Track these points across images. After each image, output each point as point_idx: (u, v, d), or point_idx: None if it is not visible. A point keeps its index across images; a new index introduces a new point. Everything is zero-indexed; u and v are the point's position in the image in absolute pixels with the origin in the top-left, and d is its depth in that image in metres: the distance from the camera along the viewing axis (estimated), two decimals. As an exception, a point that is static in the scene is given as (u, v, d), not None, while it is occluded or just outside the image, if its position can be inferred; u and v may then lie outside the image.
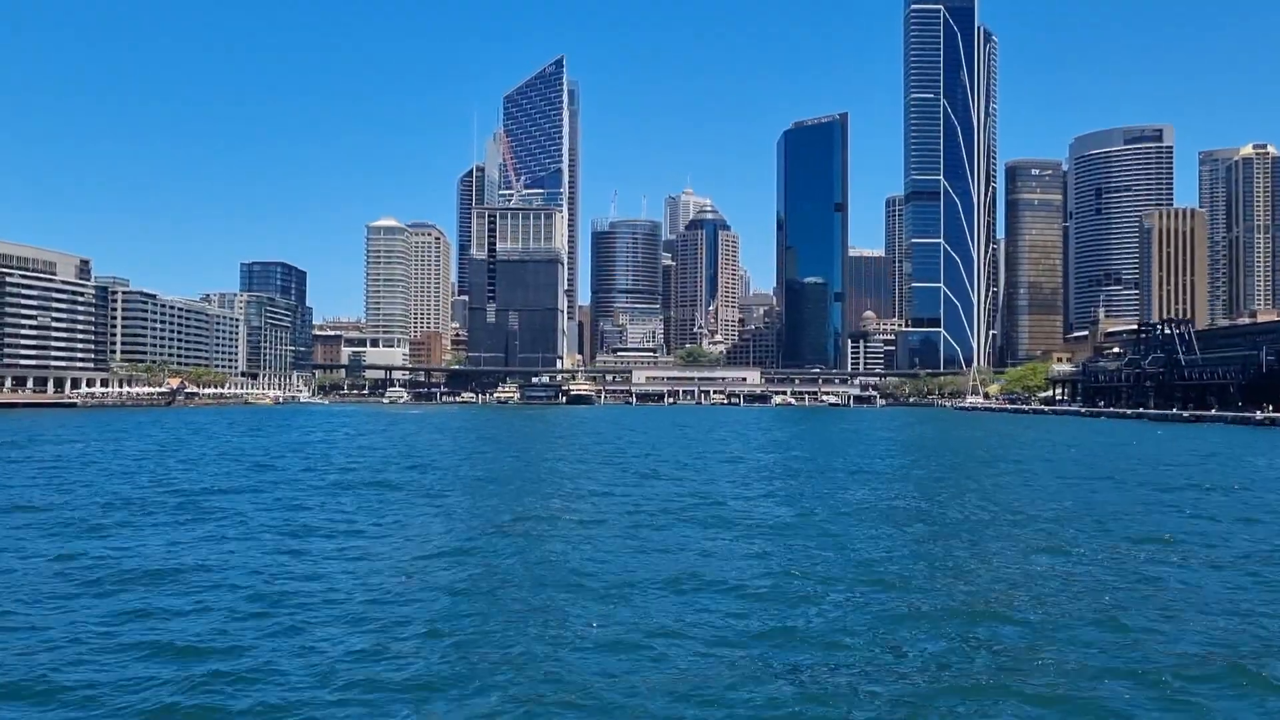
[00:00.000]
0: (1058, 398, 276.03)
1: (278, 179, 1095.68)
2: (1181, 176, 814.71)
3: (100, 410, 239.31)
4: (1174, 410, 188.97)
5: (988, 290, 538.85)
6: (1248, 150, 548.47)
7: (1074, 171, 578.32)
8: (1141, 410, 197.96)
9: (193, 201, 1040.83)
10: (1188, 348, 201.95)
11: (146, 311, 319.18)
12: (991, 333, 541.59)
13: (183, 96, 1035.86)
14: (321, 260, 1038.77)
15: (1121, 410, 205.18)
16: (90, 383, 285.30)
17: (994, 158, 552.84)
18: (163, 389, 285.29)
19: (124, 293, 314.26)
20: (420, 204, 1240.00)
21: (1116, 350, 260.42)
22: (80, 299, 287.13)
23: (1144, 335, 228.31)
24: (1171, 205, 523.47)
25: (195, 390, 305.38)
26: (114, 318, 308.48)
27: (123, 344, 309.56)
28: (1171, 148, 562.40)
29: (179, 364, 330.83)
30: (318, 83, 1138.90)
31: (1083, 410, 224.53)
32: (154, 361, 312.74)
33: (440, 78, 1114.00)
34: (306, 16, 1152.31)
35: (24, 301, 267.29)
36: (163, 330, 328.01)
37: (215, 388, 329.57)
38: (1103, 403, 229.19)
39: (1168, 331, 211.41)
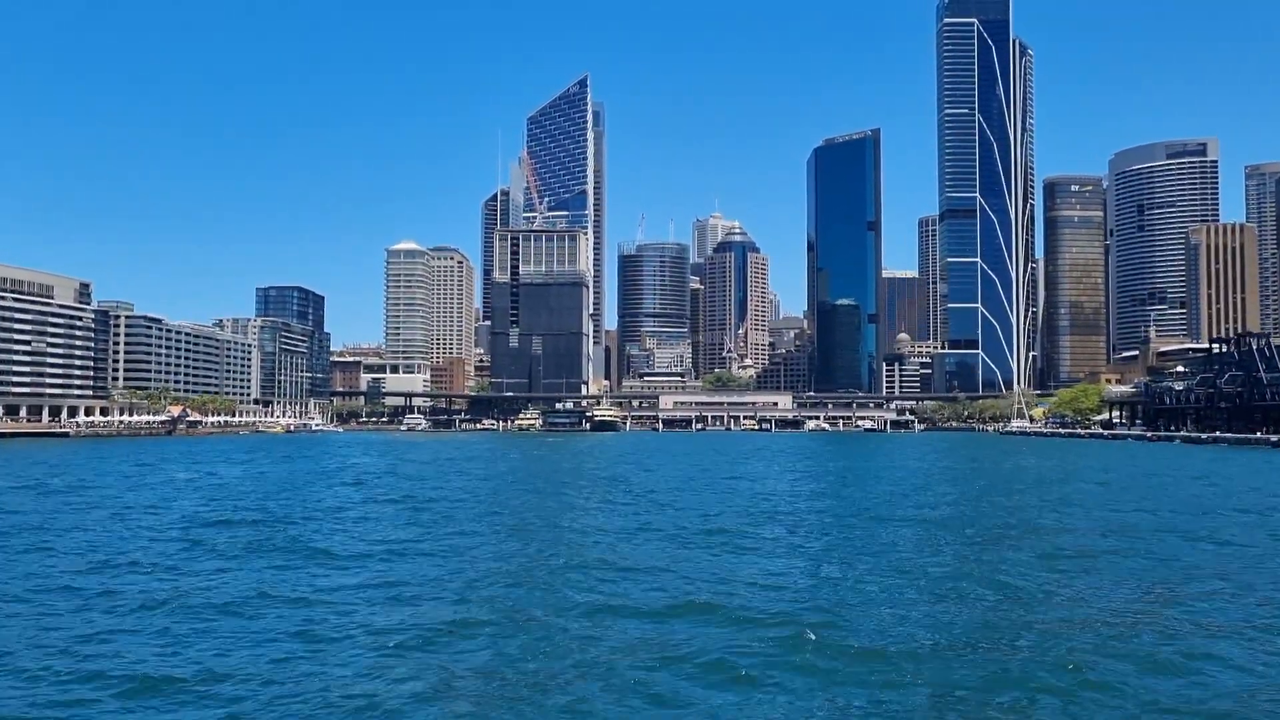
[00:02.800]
0: (1115, 421, 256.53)
1: (300, 205, 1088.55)
2: (1227, 191, 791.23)
3: (93, 440, 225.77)
4: (1258, 434, 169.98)
5: (1027, 311, 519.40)
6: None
7: (1114, 187, 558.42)
8: (1218, 435, 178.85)
9: (212, 226, 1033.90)
10: (1269, 365, 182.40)
11: (151, 336, 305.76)
12: (1031, 354, 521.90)
13: (201, 120, 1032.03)
14: (343, 286, 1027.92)
15: (1195, 435, 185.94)
16: (89, 411, 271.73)
17: (1031, 174, 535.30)
18: (162, 417, 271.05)
19: (127, 317, 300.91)
20: (445, 229, 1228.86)
21: (1181, 369, 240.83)
22: (79, 323, 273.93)
23: (1218, 351, 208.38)
24: (1217, 221, 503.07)
25: (198, 418, 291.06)
26: (116, 343, 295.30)
27: (125, 370, 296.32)
28: (1216, 162, 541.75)
29: (186, 391, 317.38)
30: (340, 107, 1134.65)
31: (1149, 434, 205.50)
32: (158, 389, 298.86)
33: (465, 100, 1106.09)
34: (327, 41, 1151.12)
35: (17, 325, 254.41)
36: (168, 356, 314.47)
37: (223, 415, 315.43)
38: (1172, 426, 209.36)
39: (1246, 347, 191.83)
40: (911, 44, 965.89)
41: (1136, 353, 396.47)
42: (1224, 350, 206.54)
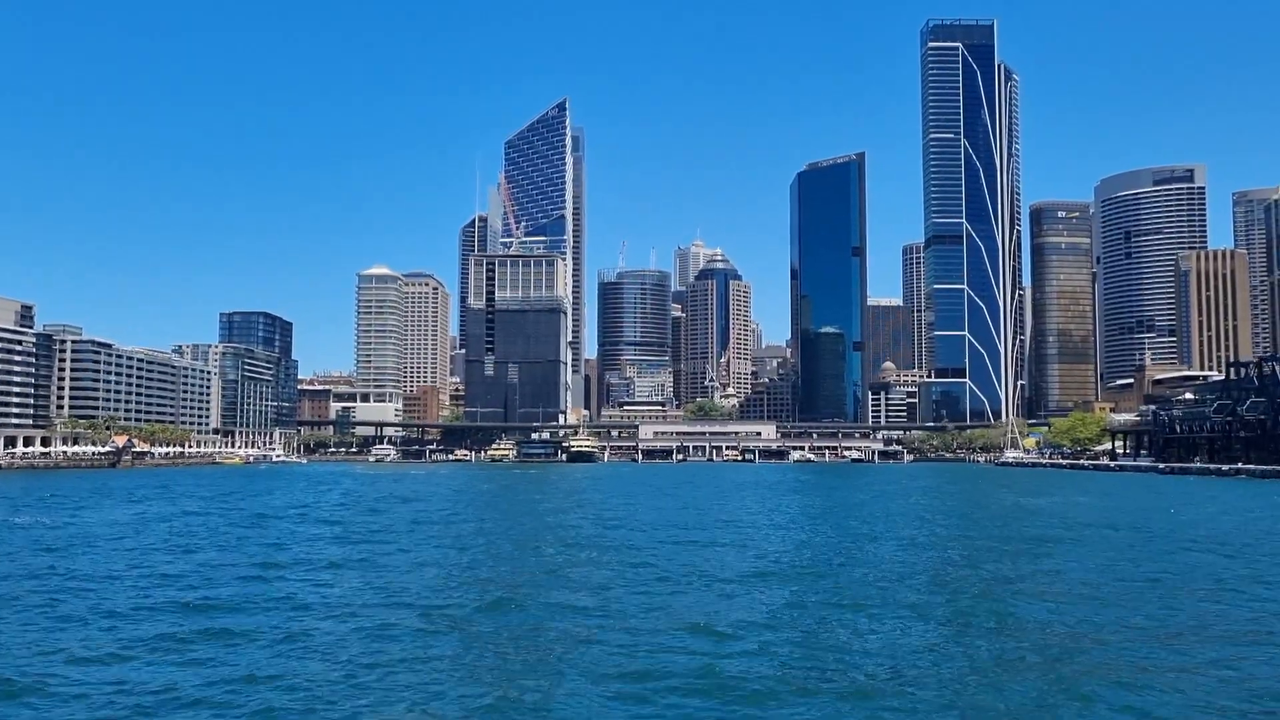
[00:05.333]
0: (1119, 451, 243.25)
1: (270, 230, 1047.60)
2: (1214, 218, 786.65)
3: (25, 473, 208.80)
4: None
5: (1014, 338, 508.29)
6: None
7: (1101, 214, 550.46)
8: (1241, 466, 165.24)
9: (177, 251, 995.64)
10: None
11: (99, 362, 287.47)
12: (1019, 383, 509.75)
13: (168, 141, 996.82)
14: (314, 313, 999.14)
15: (1214, 466, 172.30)
16: (29, 441, 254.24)
17: (1018, 200, 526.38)
18: (106, 448, 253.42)
19: (74, 341, 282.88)
20: (423, 256, 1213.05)
21: (1190, 396, 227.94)
22: (18, 347, 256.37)
23: (1234, 378, 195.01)
24: (1205, 247, 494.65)
25: (146, 449, 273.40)
26: (61, 369, 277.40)
27: (71, 398, 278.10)
28: (1203, 188, 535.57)
29: (138, 420, 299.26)
30: (314, 130, 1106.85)
31: (1160, 466, 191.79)
32: (106, 417, 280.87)
33: (442, 125, 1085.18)
34: (301, 63, 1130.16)
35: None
36: (119, 383, 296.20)
37: (175, 446, 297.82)
38: (1194, 458, 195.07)
39: (1268, 370, 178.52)
40: (896, 68, 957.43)
41: (1130, 380, 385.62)
42: (1241, 375, 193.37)
